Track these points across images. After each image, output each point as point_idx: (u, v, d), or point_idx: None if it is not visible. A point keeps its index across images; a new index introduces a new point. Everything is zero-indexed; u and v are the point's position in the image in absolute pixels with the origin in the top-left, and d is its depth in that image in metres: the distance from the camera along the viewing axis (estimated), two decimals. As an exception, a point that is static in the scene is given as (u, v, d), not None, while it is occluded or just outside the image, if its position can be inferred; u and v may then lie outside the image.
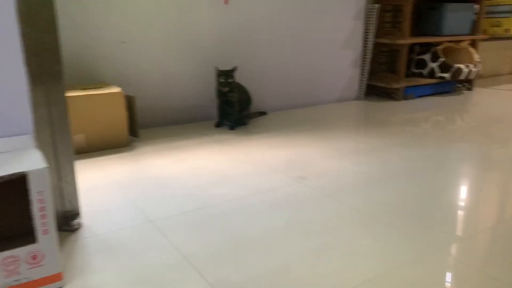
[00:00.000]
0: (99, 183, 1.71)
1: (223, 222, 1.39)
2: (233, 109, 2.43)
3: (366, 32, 3.16)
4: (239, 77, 2.71)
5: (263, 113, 2.79)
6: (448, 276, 1.10)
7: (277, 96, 2.90)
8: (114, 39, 2.28)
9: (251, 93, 2.79)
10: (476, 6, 3.39)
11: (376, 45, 3.27)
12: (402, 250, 1.22)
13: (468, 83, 3.58)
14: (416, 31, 3.45)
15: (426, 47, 3.33)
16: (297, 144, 2.19)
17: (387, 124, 2.55)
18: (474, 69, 3.26)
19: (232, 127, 2.45)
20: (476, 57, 3.34)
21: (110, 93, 2.03)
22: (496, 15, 3.60)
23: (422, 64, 3.32)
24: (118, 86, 2.32)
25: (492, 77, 4.23)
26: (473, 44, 3.43)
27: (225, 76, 2.33)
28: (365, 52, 3.20)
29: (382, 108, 2.96)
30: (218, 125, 2.50)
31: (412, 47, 3.41)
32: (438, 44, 3.28)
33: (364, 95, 3.30)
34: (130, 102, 2.15)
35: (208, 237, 1.29)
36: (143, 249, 1.22)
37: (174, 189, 1.64)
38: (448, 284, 1.07)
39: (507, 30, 3.55)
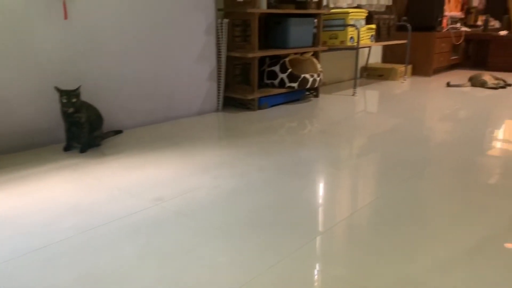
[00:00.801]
0: None
1: (70, 260, 1.26)
2: (81, 130, 2.26)
3: (218, 46, 3.23)
4: (88, 96, 2.54)
5: (118, 132, 2.66)
6: (308, 276, 1.15)
7: (133, 112, 2.79)
8: None
9: (103, 111, 2.64)
10: (315, 20, 3.70)
11: (229, 59, 3.36)
12: (262, 258, 1.25)
13: (314, 91, 3.89)
14: (266, 44, 3.63)
15: (275, 59, 3.53)
16: (155, 163, 2.12)
17: (245, 134, 2.63)
18: (318, 78, 3.55)
19: (83, 150, 2.28)
20: (319, 67, 3.64)
21: None
22: (332, 28, 3.97)
23: (273, 75, 3.50)
24: None
25: (335, 84, 4.67)
26: (316, 55, 3.73)
27: (68, 96, 2.16)
28: (219, 65, 3.26)
29: (239, 118, 3.04)
30: (67, 148, 2.31)
31: (263, 59, 3.58)
32: (285, 56, 3.50)
33: (222, 107, 3.36)
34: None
35: (51, 280, 1.16)
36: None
37: (16, 228, 1.45)
38: (309, 283, 1.12)
39: (342, 42, 3.94)
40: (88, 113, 2.29)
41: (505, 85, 4.38)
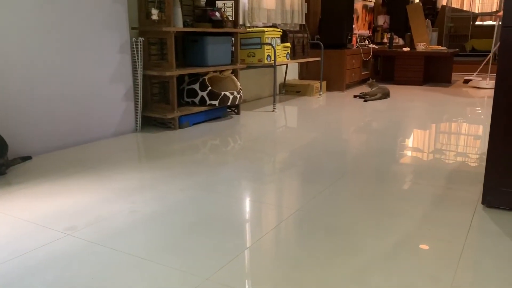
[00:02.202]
0: None
1: (-36, 305, 1.11)
2: (-17, 159, 2.05)
3: (134, 65, 3.13)
4: (-10, 121, 2.32)
5: (26, 158, 2.45)
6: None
7: (43, 137, 2.59)
8: None
9: (10, 137, 2.42)
10: (233, 39, 3.74)
11: (147, 77, 3.27)
12: (184, 283, 1.19)
13: (235, 108, 3.90)
14: (185, 62, 3.59)
15: (194, 77, 3.50)
16: (67, 190, 1.97)
17: (166, 155, 2.55)
18: (238, 95, 3.57)
19: (-16, 181, 2.06)
20: (238, 84, 3.67)
21: None
22: (250, 47, 4.04)
23: (193, 93, 3.46)
24: None
25: (255, 101, 4.73)
26: (235, 72, 3.76)
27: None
28: (136, 84, 3.16)
29: (159, 139, 2.96)
30: (-35, 180, 2.07)
31: (182, 77, 3.53)
32: (205, 74, 3.48)
33: (141, 127, 3.25)
34: None
35: None
36: None
37: None
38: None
39: (260, 60, 4.01)
40: (-11, 140, 2.09)
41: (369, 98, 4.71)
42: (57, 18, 2.59)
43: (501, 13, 5.51)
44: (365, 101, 4.59)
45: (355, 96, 4.85)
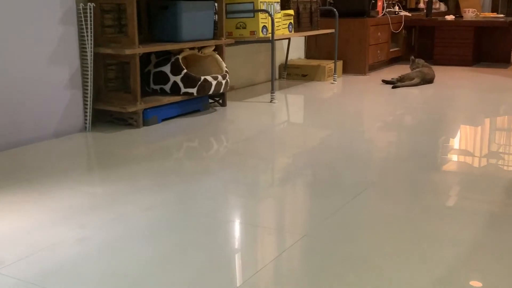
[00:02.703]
0: None
1: None
2: None
3: (82, 41, 3.12)
4: None
5: None
6: None
7: (-43, 140, 2.58)
8: None
9: None
10: (216, 4, 3.74)
11: (99, 57, 3.27)
12: None
13: (220, 98, 3.91)
14: (151, 36, 3.59)
15: (164, 57, 3.50)
16: (-9, 211, 1.97)
17: (127, 162, 2.54)
18: (223, 81, 3.57)
19: None
20: (224, 66, 3.68)
21: None
22: (239, 15, 4.04)
23: (162, 78, 3.46)
24: None
25: (247, 88, 4.74)
26: (219, 50, 3.76)
27: None
28: (84, 67, 3.15)
29: (117, 140, 2.95)
30: None
31: (147, 57, 3.53)
32: (178, 52, 3.49)
33: (92, 125, 3.24)
34: None
35: None
36: None
37: None
38: None
39: (253, 33, 4.03)
40: None
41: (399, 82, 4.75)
42: (-23, -23, 2.59)
43: None
44: (393, 87, 4.61)
45: (384, 82, 4.87)
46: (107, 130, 3.18)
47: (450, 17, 6.30)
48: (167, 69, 3.45)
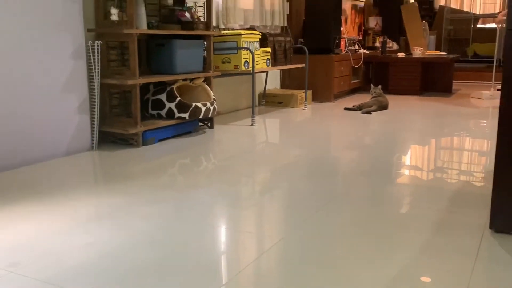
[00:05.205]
0: None
1: None
2: None
3: (90, 73, 3.10)
4: None
5: (-40, 183, 2.38)
6: None
7: (-20, 158, 2.53)
8: None
9: None
10: (205, 43, 3.76)
11: (105, 87, 3.25)
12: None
13: (208, 121, 3.90)
14: (149, 69, 3.59)
15: (161, 87, 3.49)
16: (9, 219, 1.92)
17: (128, 177, 2.52)
18: (211, 107, 3.57)
19: None
20: (212, 94, 3.68)
21: None
22: (224, 52, 4.06)
23: (159, 104, 3.45)
24: None
25: (231, 113, 4.75)
26: (208, 81, 3.77)
27: None
28: (92, 95, 3.13)
29: (120, 158, 2.92)
30: None
31: (146, 87, 3.52)
32: (173, 82, 3.48)
33: (98, 145, 3.21)
34: None
35: None
36: None
37: None
38: None
39: (236, 66, 4.04)
40: None
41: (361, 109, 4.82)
42: None
43: (502, 14, 5.71)
44: (363, 112, 4.65)
45: (346, 109, 4.91)
46: (111, 149, 3.15)
47: (401, 54, 6.41)
48: (163, 97, 3.44)
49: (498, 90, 6.05)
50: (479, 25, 9.33)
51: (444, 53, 6.99)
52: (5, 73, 2.61)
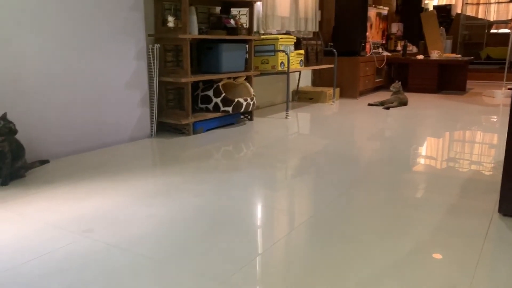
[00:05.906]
0: None
1: (-14, 305, 1.14)
2: (3, 161, 2.09)
3: (150, 72, 3.17)
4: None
5: (44, 162, 2.50)
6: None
7: (60, 141, 2.64)
8: None
9: (27, 140, 2.47)
10: (247, 46, 3.77)
11: (162, 84, 3.31)
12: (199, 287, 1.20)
13: (248, 114, 3.92)
14: (199, 69, 3.63)
15: (209, 84, 3.53)
16: (84, 194, 2.00)
17: (180, 160, 2.57)
18: (251, 102, 3.59)
19: (4, 182, 2.11)
20: (252, 91, 3.69)
21: None
22: (263, 54, 4.06)
23: (207, 99, 3.49)
24: None
25: (268, 107, 4.75)
26: (248, 79, 3.78)
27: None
28: (151, 90, 3.20)
29: (174, 144, 2.99)
30: (-14, 182, 2.12)
31: (196, 84, 3.57)
32: (219, 80, 3.51)
33: (156, 133, 3.28)
34: None
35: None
36: None
37: None
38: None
39: (273, 67, 4.04)
40: (9, 142, 2.13)
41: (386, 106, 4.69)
42: (75, 25, 2.65)
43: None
44: (385, 108, 4.58)
45: (369, 104, 4.84)
46: (167, 137, 3.22)
47: (420, 57, 6.23)
48: (210, 93, 3.48)
49: (509, 89, 5.81)
50: (492, 30, 8.96)
51: (459, 55, 6.74)
52: (81, 70, 2.71)
